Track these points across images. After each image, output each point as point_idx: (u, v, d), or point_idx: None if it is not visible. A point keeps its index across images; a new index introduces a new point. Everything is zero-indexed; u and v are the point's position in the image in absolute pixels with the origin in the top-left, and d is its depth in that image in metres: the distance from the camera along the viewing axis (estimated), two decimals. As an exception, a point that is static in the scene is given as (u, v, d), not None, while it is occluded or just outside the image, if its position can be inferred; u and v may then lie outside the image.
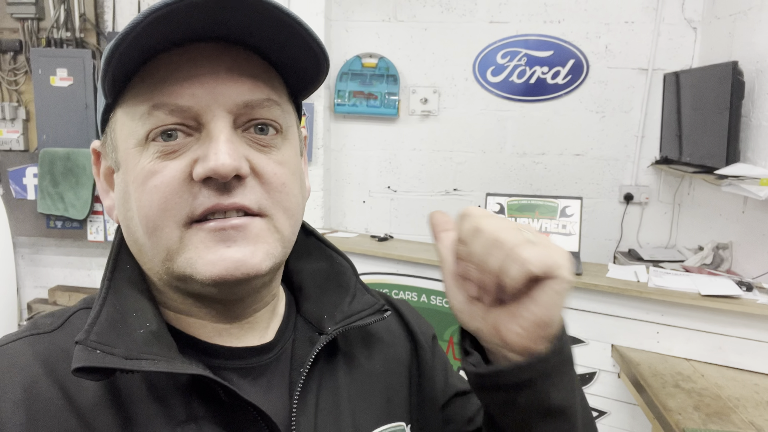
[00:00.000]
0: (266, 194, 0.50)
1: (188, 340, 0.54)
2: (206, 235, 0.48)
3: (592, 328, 2.17)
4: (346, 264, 0.66)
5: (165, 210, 0.48)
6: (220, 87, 0.48)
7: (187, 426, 0.49)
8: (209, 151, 0.47)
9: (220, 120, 0.48)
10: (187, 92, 0.47)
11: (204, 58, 0.48)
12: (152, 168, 0.48)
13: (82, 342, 0.46)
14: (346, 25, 3.12)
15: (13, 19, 3.07)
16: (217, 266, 0.48)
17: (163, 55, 0.48)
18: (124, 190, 0.51)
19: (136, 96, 0.48)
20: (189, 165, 0.48)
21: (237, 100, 0.49)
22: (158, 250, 0.49)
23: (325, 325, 0.59)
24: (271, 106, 0.51)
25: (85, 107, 3.05)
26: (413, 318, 0.72)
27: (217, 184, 0.47)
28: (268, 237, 0.51)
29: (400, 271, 2.54)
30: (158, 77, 0.48)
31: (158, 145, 0.48)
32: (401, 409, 0.63)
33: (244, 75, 0.49)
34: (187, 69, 0.48)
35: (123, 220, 0.53)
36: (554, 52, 2.98)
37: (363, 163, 3.25)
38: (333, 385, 0.59)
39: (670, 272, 2.20)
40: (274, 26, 0.47)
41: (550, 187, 3.08)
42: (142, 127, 0.48)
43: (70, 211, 3.07)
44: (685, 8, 2.84)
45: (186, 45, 0.48)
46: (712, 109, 2.35)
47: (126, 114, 0.50)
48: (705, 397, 1.70)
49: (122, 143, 0.50)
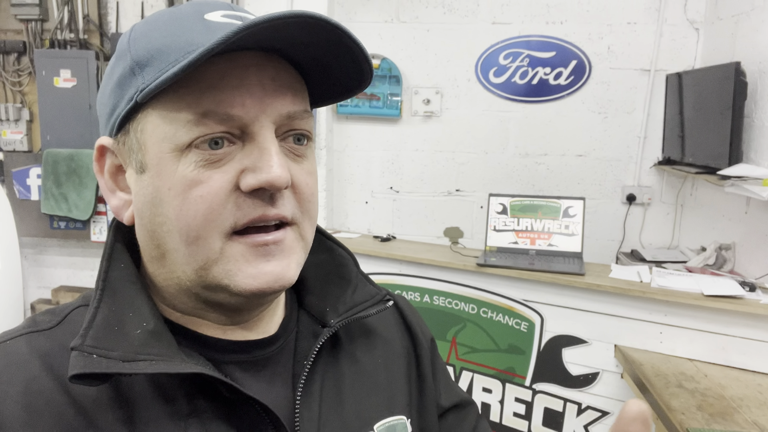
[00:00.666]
0: (298, 204, 0.52)
1: (189, 334, 0.54)
2: (247, 249, 0.49)
3: (595, 329, 2.17)
4: (346, 255, 0.66)
5: (210, 221, 0.48)
6: (267, 98, 0.49)
7: (190, 420, 0.49)
8: (262, 162, 0.47)
9: (268, 131, 0.49)
10: (238, 101, 0.47)
11: (251, 67, 0.48)
12: (196, 177, 0.47)
13: (78, 347, 0.46)
14: (349, 26, 3.08)
15: (17, 21, 3.08)
16: (258, 280, 0.49)
17: (209, 60, 0.47)
18: (153, 195, 0.49)
19: (179, 101, 0.47)
20: (235, 175, 0.48)
21: (282, 112, 0.49)
22: (195, 258, 0.49)
23: (328, 318, 0.60)
24: (308, 118, 0.52)
25: (88, 108, 3.06)
26: (413, 317, 0.72)
27: (263, 195, 0.48)
28: (297, 247, 0.53)
29: (403, 271, 2.55)
30: (206, 84, 0.47)
31: (203, 153, 0.47)
32: (401, 404, 0.64)
33: (285, 86, 0.50)
34: (235, 78, 0.48)
35: (147, 224, 0.51)
36: (556, 53, 2.99)
37: (365, 164, 3.25)
38: (336, 377, 0.59)
39: (673, 272, 2.20)
40: (335, 49, 0.49)
41: (552, 187, 3.08)
42: (186, 134, 0.47)
43: (73, 212, 3.08)
44: (687, 9, 2.84)
45: (230, 53, 0.48)
46: (715, 110, 2.35)
47: (163, 117, 0.48)
48: (708, 397, 1.70)
49: (154, 146, 0.49)
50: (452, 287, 2.45)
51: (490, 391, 2.42)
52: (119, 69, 0.50)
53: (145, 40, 0.49)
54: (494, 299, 2.37)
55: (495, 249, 2.49)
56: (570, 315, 2.21)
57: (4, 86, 3.17)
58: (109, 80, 0.52)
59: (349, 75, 0.53)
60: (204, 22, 0.49)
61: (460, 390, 0.74)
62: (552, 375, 2.27)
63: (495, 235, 2.50)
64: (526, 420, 2.34)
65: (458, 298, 2.44)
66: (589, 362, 2.20)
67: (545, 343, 2.27)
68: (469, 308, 2.42)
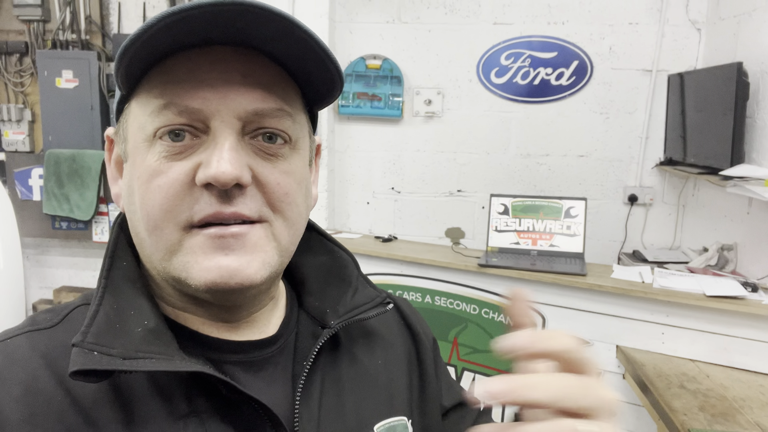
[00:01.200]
0: (267, 203, 0.50)
1: (189, 333, 0.54)
2: (205, 241, 0.48)
3: (596, 329, 2.17)
4: (347, 257, 0.67)
5: (166, 211, 0.48)
6: (232, 93, 0.48)
7: (190, 420, 0.49)
8: (212, 157, 0.47)
9: (227, 126, 0.48)
10: (199, 95, 0.47)
11: (220, 62, 0.48)
12: (158, 167, 0.48)
13: (80, 344, 0.46)
14: (350, 27, 3.12)
15: (20, 21, 3.09)
16: (212, 273, 0.48)
17: (183, 53, 0.48)
18: (129, 183, 0.52)
19: (150, 91, 0.49)
20: (193, 168, 0.48)
21: (247, 108, 0.48)
22: (157, 248, 0.50)
23: (328, 319, 0.60)
24: (282, 117, 0.50)
25: (90, 109, 3.06)
26: (414, 317, 0.72)
27: (218, 190, 0.47)
28: (266, 245, 0.51)
29: (404, 271, 2.55)
30: (174, 76, 0.48)
31: (165, 144, 0.48)
32: (402, 404, 0.64)
33: (257, 83, 0.49)
34: (202, 71, 0.48)
35: (127, 213, 0.53)
36: (558, 54, 2.98)
37: (367, 165, 3.25)
38: (335, 378, 0.59)
39: (675, 273, 2.20)
40: (291, 40, 0.47)
41: (554, 188, 3.08)
42: (151, 124, 0.48)
43: (75, 212, 3.09)
44: (689, 9, 2.84)
45: (206, 47, 0.48)
46: (717, 110, 2.35)
47: (139, 107, 0.50)
48: (710, 398, 1.69)
49: (132, 136, 0.51)
50: (454, 288, 2.45)
51: (491, 392, 2.42)
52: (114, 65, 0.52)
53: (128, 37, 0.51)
54: (496, 300, 2.36)
55: (496, 249, 2.49)
56: (571, 315, 2.21)
57: (6, 87, 3.18)
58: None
59: (320, 73, 0.51)
60: (180, 3, 0.50)
61: (461, 389, 0.74)
62: (553, 376, 2.27)
63: (496, 236, 2.50)
64: (528, 421, 2.33)
65: (460, 299, 2.44)
66: (590, 363, 2.19)
67: (547, 344, 2.27)
68: (471, 309, 2.42)
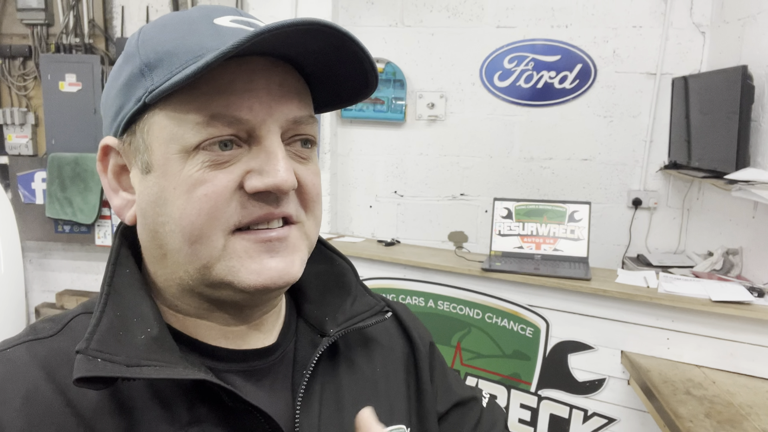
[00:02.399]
0: (303, 204, 0.53)
1: (191, 343, 0.54)
2: (250, 245, 0.50)
3: (601, 334, 2.15)
4: (346, 265, 0.67)
5: (214, 218, 0.48)
6: (275, 103, 0.49)
7: (191, 429, 0.49)
8: (268, 166, 0.48)
9: (275, 135, 0.49)
10: (246, 105, 0.48)
11: (259, 73, 0.49)
12: (201, 177, 0.48)
13: (83, 351, 0.46)
14: (354, 31, 3.12)
15: (23, 25, 3.10)
16: (262, 275, 0.50)
17: (217, 65, 0.47)
18: (158, 194, 0.50)
19: (188, 103, 0.48)
20: (240, 176, 0.49)
21: (288, 116, 0.50)
22: (197, 257, 0.49)
23: (327, 327, 0.60)
24: (312, 123, 0.54)
25: (93, 112, 3.06)
26: (412, 323, 0.72)
27: (268, 196, 0.49)
28: (301, 245, 0.53)
29: (407, 276, 2.53)
30: (214, 87, 0.48)
31: (210, 155, 0.48)
32: (401, 412, 0.64)
33: (292, 92, 0.51)
34: (244, 82, 0.48)
35: (150, 224, 0.51)
36: (561, 57, 2.97)
37: (370, 168, 3.25)
38: (335, 387, 0.59)
39: (680, 278, 2.18)
40: (341, 55, 0.50)
41: (557, 191, 3.07)
42: (194, 136, 0.48)
43: (78, 216, 3.09)
44: (693, 13, 2.83)
45: (239, 58, 0.48)
46: (722, 114, 2.34)
47: (171, 119, 0.48)
48: (716, 404, 1.68)
49: (161, 147, 0.49)
50: (457, 292, 2.43)
51: (495, 397, 2.40)
52: (127, 70, 0.50)
53: (154, 42, 0.50)
54: (499, 304, 2.35)
55: (500, 254, 2.47)
56: (576, 320, 2.19)
57: (10, 90, 3.19)
58: (115, 81, 0.52)
59: (354, 81, 0.54)
60: (214, 27, 0.50)
61: (461, 388, 0.74)
62: (558, 381, 2.25)
63: (500, 240, 2.49)
64: (532, 426, 2.32)
65: (463, 303, 2.43)
66: (595, 368, 2.18)
67: (551, 349, 2.26)
68: (474, 313, 2.41)
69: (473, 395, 0.74)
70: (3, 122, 3.14)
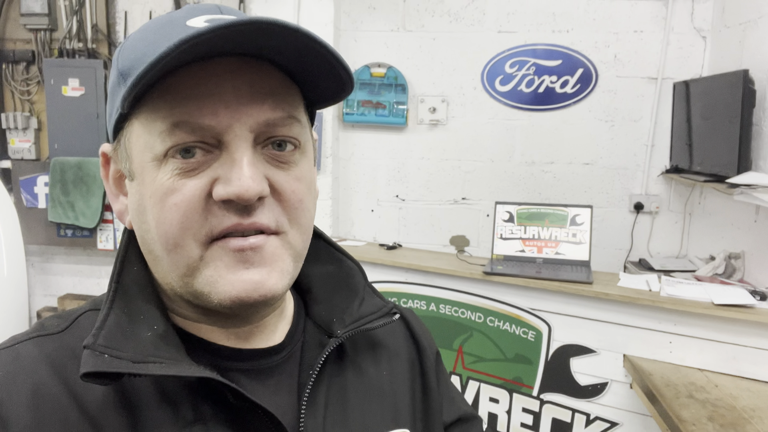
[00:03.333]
0: (284, 212, 0.50)
1: (196, 341, 0.54)
2: (227, 255, 0.48)
3: (603, 338, 2.15)
4: (354, 267, 0.67)
5: (185, 228, 0.48)
6: (243, 106, 0.47)
7: (195, 427, 0.49)
8: (232, 174, 0.46)
9: (242, 141, 0.47)
10: (209, 111, 0.46)
11: (226, 75, 0.47)
12: (171, 185, 0.47)
13: (91, 346, 0.46)
14: (355, 35, 3.13)
15: (27, 30, 3.11)
16: (236, 288, 0.48)
17: (185, 68, 0.47)
18: (138, 202, 0.50)
19: (156, 111, 0.47)
20: (208, 184, 0.47)
21: (259, 120, 0.48)
22: (177, 265, 0.49)
23: (335, 329, 0.59)
24: (291, 124, 0.50)
25: (96, 117, 3.07)
26: (419, 328, 0.72)
27: (237, 205, 0.47)
28: (282, 254, 0.51)
29: (409, 279, 2.53)
30: (179, 93, 0.46)
31: (177, 162, 0.47)
32: (406, 416, 0.63)
33: (265, 92, 0.48)
34: (209, 86, 0.47)
35: (138, 231, 0.52)
36: (563, 62, 2.98)
37: (371, 172, 3.25)
38: (341, 388, 0.59)
39: (682, 281, 2.18)
40: (303, 51, 0.47)
41: (559, 196, 3.07)
42: (161, 144, 0.47)
43: (80, 220, 3.09)
44: (694, 17, 2.84)
45: (209, 59, 0.47)
46: (723, 118, 2.34)
47: (143, 127, 0.48)
48: (719, 408, 1.67)
49: (138, 155, 0.49)
50: (459, 296, 2.43)
51: (497, 401, 2.39)
52: (111, 79, 0.52)
53: (130, 49, 0.50)
54: (501, 308, 2.35)
55: (502, 257, 2.47)
56: (578, 324, 2.19)
57: (13, 95, 3.20)
58: (108, 90, 0.54)
59: (329, 80, 0.51)
60: (184, 28, 0.47)
61: (463, 404, 0.73)
62: (560, 385, 2.25)
63: (502, 244, 2.49)
64: (534, 431, 2.31)
65: (465, 307, 2.43)
66: (597, 372, 2.17)
67: (553, 353, 2.25)
68: (476, 317, 2.41)
69: (475, 414, 0.74)
70: (6, 126, 3.15)
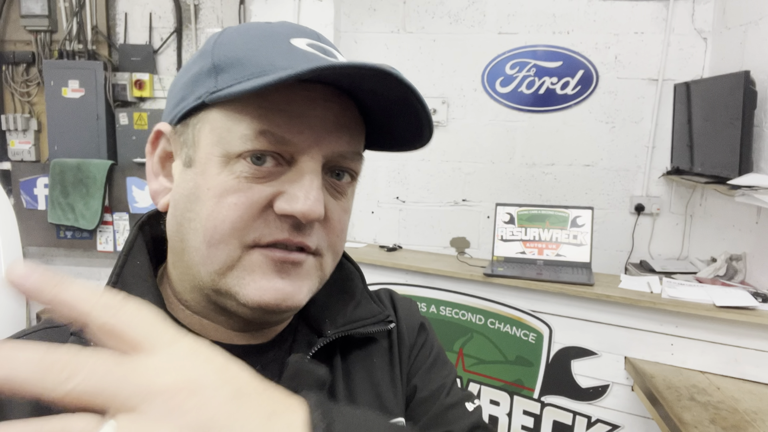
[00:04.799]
0: (326, 237, 0.53)
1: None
2: (266, 263, 0.50)
3: (604, 340, 2.14)
4: (354, 270, 0.67)
5: (236, 228, 0.49)
6: (326, 134, 0.50)
7: None
8: (301, 192, 0.48)
9: (316, 164, 0.49)
10: (297, 130, 0.48)
11: (319, 101, 0.49)
12: (236, 185, 0.49)
13: (77, 333, 0.47)
14: (356, 37, 3.13)
15: (27, 32, 3.11)
16: (267, 294, 0.50)
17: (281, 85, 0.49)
18: (192, 190, 0.51)
19: (244, 113, 0.48)
20: (273, 194, 0.49)
21: (335, 150, 0.50)
22: (213, 261, 0.50)
23: (326, 329, 0.60)
24: (358, 159, 0.54)
25: (96, 118, 3.07)
26: (402, 310, 0.71)
27: (294, 221, 0.49)
28: (313, 275, 0.53)
29: (409, 281, 2.53)
30: (275, 106, 0.48)
31: (247, 166, 0.49)
32: (394, 407, 0.63)
33: (345, 126, 0.51)
34: (302, 106, 0.49)
35: (178, 216, 0.53)
36: (563, 63, 2.98)
37: (372, 174, 3.25)
38: (329, 389, 0.59)
39: (684, 283, 2.17)
40: (401, 101, 0.50)
41: (559, 197, 3.06)
42: (240, 145, 0.48)
43: (80, 222, 3.09)
44: (695, 19, 2.84)
45: (308, 82, 0.49)
46: (724, 119, 2.33)
47: (223, 124, 0.50)
48: (721, 410, 1.66)
49: (207, 146, 0.50)
50: (459, 297, 2.42)
51: (497, 403, 2.39)
52: (197, 66, 0.52)
53: (229, 46, 0.51)
54: (502, 310, 2.34)
55: (502, 259, 2.47)
56: (579, 326, 2.18)
57: (13, 96, 3.20)
58: (185, 73, 0.54)
59: (408, 131, 0.54)
60: (289, 46, 0.50)
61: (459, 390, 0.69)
62: (561, 387, 2.24)
63: (502, 245, 2.48)
64: (535, 433, 2.30)
65: (465, 309, 2.42)
66: (598, 374, 2.16)
67: (554, 355, 2.24)
68: (477, 319, 2.40)
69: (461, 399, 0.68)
70: (6, 128, 3.15)
